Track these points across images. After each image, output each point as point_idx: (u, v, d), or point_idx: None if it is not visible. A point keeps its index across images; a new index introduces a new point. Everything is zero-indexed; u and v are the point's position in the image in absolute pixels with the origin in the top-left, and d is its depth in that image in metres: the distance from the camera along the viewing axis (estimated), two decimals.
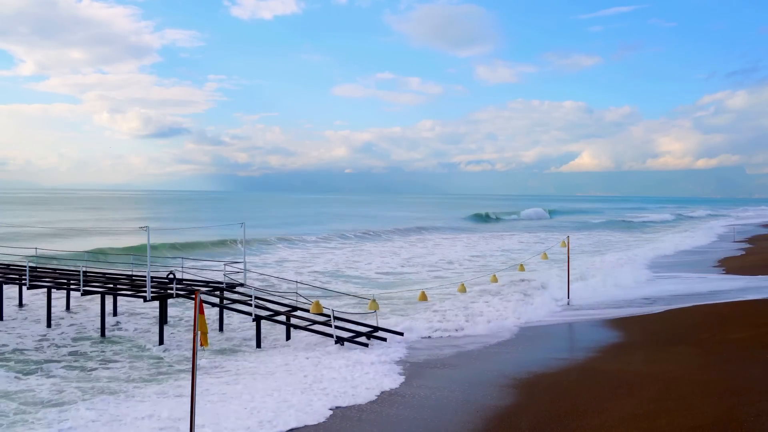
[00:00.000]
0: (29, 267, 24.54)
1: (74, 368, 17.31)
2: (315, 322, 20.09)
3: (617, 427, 11.27)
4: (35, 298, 27.14)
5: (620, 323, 21.96)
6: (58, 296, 25.78)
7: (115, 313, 24.70)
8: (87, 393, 14.78)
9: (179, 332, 22.11)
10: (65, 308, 25.63)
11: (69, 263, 29.94)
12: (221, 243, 52.28)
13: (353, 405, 13.46)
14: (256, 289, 21.90)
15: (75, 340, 20.85)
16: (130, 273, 26.13)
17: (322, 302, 20.98)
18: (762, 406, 11.76)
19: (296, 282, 25.63)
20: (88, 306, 26.21)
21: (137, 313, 25.32)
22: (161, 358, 18.50)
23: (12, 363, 17.81)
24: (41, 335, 21.56)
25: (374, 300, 20.84)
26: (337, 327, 19.68)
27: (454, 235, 74.97)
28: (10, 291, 26.75)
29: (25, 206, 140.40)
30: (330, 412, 12.92)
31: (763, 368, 14.67)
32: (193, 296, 9.92)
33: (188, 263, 28.19)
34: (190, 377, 10.18)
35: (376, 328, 20.14)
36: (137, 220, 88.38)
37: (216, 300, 22.24)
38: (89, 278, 23.86)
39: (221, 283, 23.18)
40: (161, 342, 20.13)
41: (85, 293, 22.23)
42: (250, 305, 20.40)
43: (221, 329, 22.28)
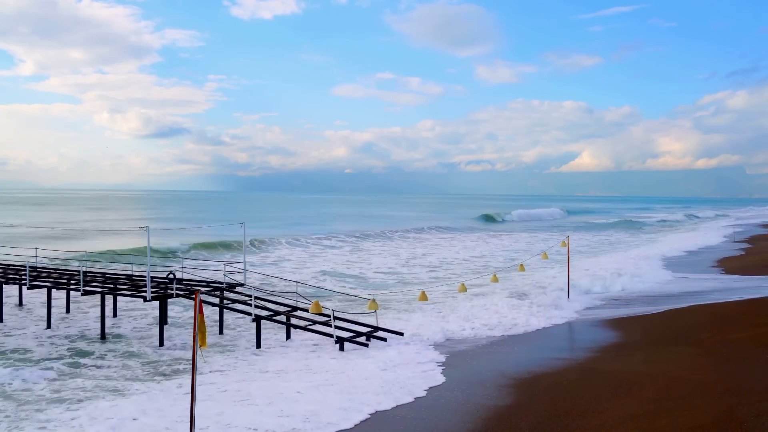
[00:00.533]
0: (29, 267, 24.54)
1: (74, 368, 17.30)
2: (315, 322, 20.09)
3: (617, 427, 11.26)
4: (35, 298, 27.14)
5: (620, 323, 21.97)
6: (58, 296, 25.76)
7: (115, 313, 24.69)
8: (86, 392, 14.79)
9: (179, 332, 22.10)
10: (65, 308, 25.61)
11: (69, 263, 29.93)
12: (224, 244, 52.21)
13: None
14: (256, 289, 21.89)
15: (75, 340, 20.84)
16: (130, 273, 26.13)
17: (322, 302, 20.99)
18: (762, 406, 11.75)
19: (296, 282, 25.61)
20: (88, 306, 26.21)
21: (137, 313, 25.32)
22: (161, 358, 18.49)
23: (11, 362, 17.81)
24: (41, 335, 21.55)
25: (374, 300, 20.83)
26: (337, 327, 19.68)
27: (471, 235, 74.86)
28: (10, 291, 26.76)
29: (25, 206, 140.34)
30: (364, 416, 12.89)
31: (763, 368, 14.67)
32: (193, 296, 9.92)
33: (188, 263, 28.19)
34: (191, 377, 10.17)
35: (376, 328, 20.14)
36: (138, 221, 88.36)
37: (216, 300, 22.23)
38: (89, 278, 23.85)
39: (221, 283, 23.18)
40: (161, 342, 20.12)
41: (85, 293, 22.21)
42: (250, 305, 20.40)
43: (221, 329, 22.27)
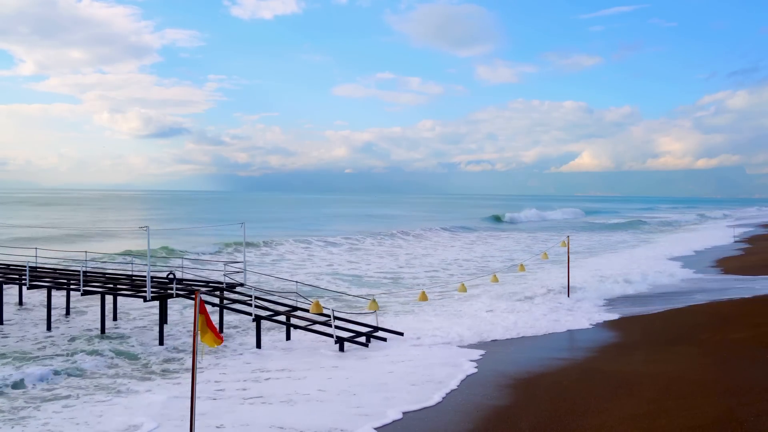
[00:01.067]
0: (29, 267, 24.53)
1: (73, 368, 17.28)
2: (315, 322, 20.09)
3: (617, 427, 11.27)
4: (35, 298, 27.14)
5: (620, 323, 21.98)
6: (58, 296, 25.75)
7: (115, 313, 24.68)
8: (85, 391, 14.80)
9: (179, 332, 22.10)
10: (65, 308, 25.61)
11: (69, 263, 29.91)
12: (225, 245, 52.21)
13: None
14: (256, 289, 21.90)
15: (75, 340, 20.83)
16: (130, 273, 26.13)
17: (322, 302, 20.99)
18: (762, 406, 11.76)
19: (296, 282, 25.62)
20: (88, 306, 26.21)
21: (137, 313, 25.32)
22: (161, 358, 18.48)
23: (11, 361, 17.81)
24: (41, 335, 21.55)
25: (374, 300, 20.83)
26: (337, 327, 19.68)
27: (485, 234, 74.85)
28: (11, 291, 26.76)
29: (26, 207, 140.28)
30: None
31: (763, 368, 14.67)
32: (193, 296, 9.92)
33: (188, 263, 28.19)
34: (191, 377, 10.18)
35: (376, 328, 20.14)
36: (139, 221, 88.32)
37: (216, 300, 22.23)
38: (89, 278, 23.85)
39: (221, 283, 23.18)
40: (161, 342, 20.13)
41: (85, 293, 22.22)
42: (250, 305, 20.40)
43: (221, 329, 22.26)
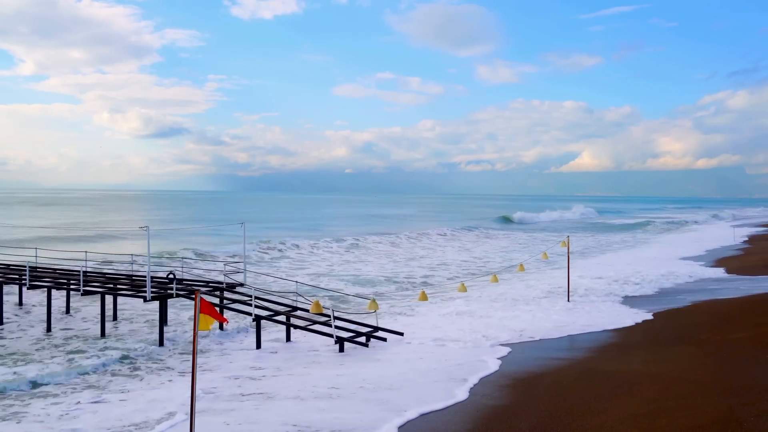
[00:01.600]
0: (29, 267, 24.53)
1: (73, 368, 17.29)
2: (315, 322, 20.09)
3: (617, 427, 11.26)
4: (35, 298, 27.13)
5: (624, 323, 21.95)
6: (58, 296, 25.76)
7: (115, 313, 24.68)
8: (84, 390, 14.81)
9: (179, 332, 22.09)
10: (65, 308, 25.61)
11: (69, 263, 29.91)
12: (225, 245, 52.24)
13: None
14: (256, 289, 21.90)
15: (74, 340, 20.84)
16: (130, 273, 26.14)
17: (322, 302, 20.99)
18: (762, 406, 11.75)
19: (296, 282, 25.62)
20: (88, 306, 26.20)
21: (137, 313, 25.31)
22: (161, 358, 18.49)
23: (9, 362, 17.81)
24: (41, 335, 21.56)
25: (374, 300, 20.84)
26: (337, 327, 19.68)
27: (499, 234, 74.90)
28: (11, 291, 26.75)
29: (26, 207, 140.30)
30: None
31: (763, 368, 14.67)
32: (193, 296, 9.92)
33: (188, 263, 28.19)
34: (191, 378, 10.18)
35: (376, 328, 20.15)
36: (142, 221, 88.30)
37: (216, 300, 22.24)
38: (89, 278, 23.86)
39: (221, 283, 23.18)
40: (161, 342, 20.12)
41: (85, 293, 22.22)
42: (250, 305, 20.40)
43: (221, 329, 22.26)
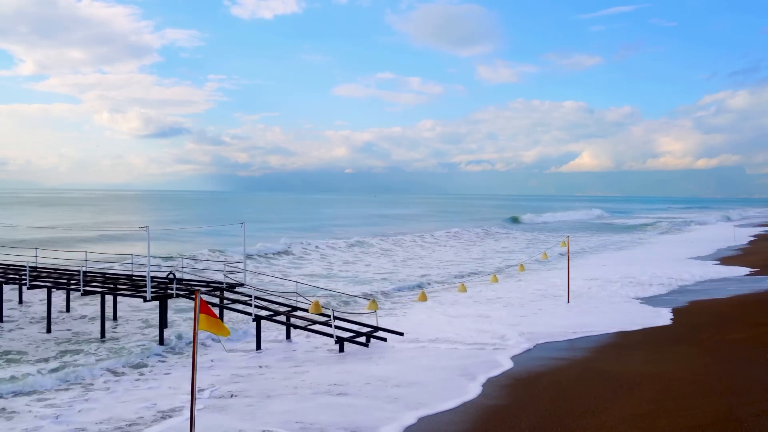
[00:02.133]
0: (29, 267, 24.53)
1: (73, 367, 17.29)
2: (315, 322, 20.09)
3: (617, 427, 11.27)
4: (35, 298, 27.13)
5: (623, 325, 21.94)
6: (58, 296, 25.76)
7: (115, 313, 24.68)
8: (84, 390, 14.81)
9: (179, 332, 22.08)
10: (65, 308, 25.62)
11: (69, 263, 29.92)
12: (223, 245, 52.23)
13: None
14: (256, 289, 21.90)
15: (74, 340, 20.85)
16: (130, 273, 26.13)
17: (322, 302, 20.99)
18: (762, 406, 11.76)
19: (296, 282, 25.62)
20: (88, 306, 26.20)
21: (137, 313, 25.31)
22: (161, 358, 18.49)
23: (9, 362, 17.81)
24: (41, 335, 21.55)
25: (374, 300, 20.85)
26: (337, 327, 19.67)
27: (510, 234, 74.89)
28: (11, 291, 26.76)
29: (26, 208, 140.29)
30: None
31: (763, 368, 14.68)
32: (193, 296, 9.93)
33: (188, 263, 28.19)
34: (191, 378, 10.18)
35: (376, 328, 20.14)
36: (144, 222, 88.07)
37: (216, 300, 22.24)
38: (89, 278, 23.86)
39: (221, 283, 23.18)
40: (161, 342, 20.13)
41: (85, 293, 22.22)
42: (250, 305, 20.40)
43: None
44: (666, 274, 33.93)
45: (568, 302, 26.19)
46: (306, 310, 20.87)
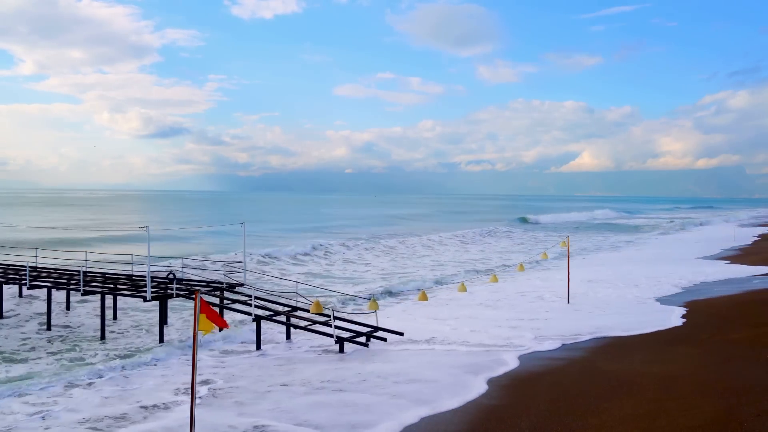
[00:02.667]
0: (29, 267, 24.53)
1: (74, 367, 17.30)
2: (315, 322, 20.09)
3: (617, 427, 11.27)
4: (35, 298, 27.10)
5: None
6: (58, 296, 25.75)
7: (115, 313, 24.68)
8: (84, 389, 14.79)
9: (179, 332, 22.09)
10: (65, 308, 25.61)
11: (69, 263, 29.93)
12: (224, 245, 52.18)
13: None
14: (256, 289, 21.90)
15: (74, 340, 20.85)
16: (130, 273, 26.13)
17: (322, 302, 20.98)
18: (762, 406, 11.75)
19: (296, 282, 25.62)
20: (88, 306, 26.20)
21: (137, 313, 25.31)
22: (161, 358, 18.48)
23: (8, 362, 17.82)
24: (41, 335, 21.56)
25: (374, 300, 20.85)
26: (337, 327, 19.67)
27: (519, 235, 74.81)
28: (11, 291, 26.75)
29: (26, 208, 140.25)
30: None
31: (763, 368, 14.67)
32: (193, 296, 9.92)
33: (188, 263, 28.19)
34: (191, 378, 10.18)
35: (376, 328, 20.14)
36: (147, 222, 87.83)
37: (216, 300, 22.24)
38: (89, 278, 23.86)
39: (221, 283, 23.18)
40: (161, 341, 20.13)
41: (85, 293, 22.22)
42: (250, 305, 20.40)
43: (220, 329, 22.26)
44: (667, 275, 33.93)
45: (568, 303, 26.17)
46: (306, 310, 20.87)
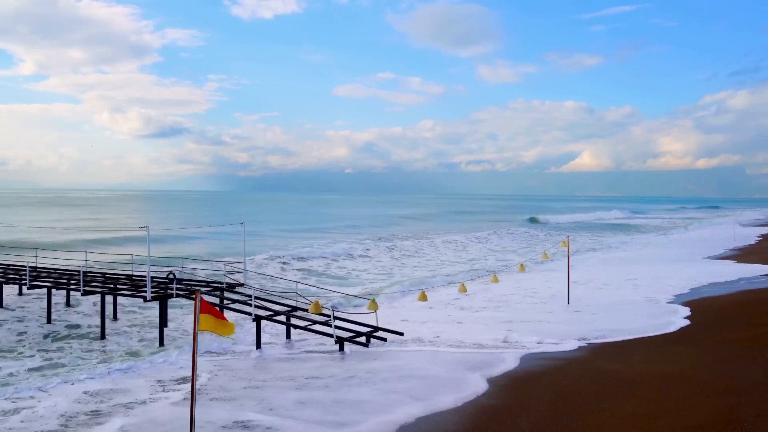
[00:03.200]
0: (29, 267, 24.53)
1: (74, 368, 17.30)
2: (315, 322, 20.09)
3: (617, 427, 11.27)
4: (35, 298, 27.10)
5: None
6: (58, 296, 25.75)
7: (115, 313, 24.68)
8: (84, 389, 14.80)
9: (179, 332, 22.09)
10: (65, 308, 25.59)
11: (69, 263, 29.94)
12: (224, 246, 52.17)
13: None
14: (256, 289, 21.90)
15: (74, 340, 20.85)
16: (130, 273, 26.14)
17: (322, 302, 20.98)
18: (762, 406, 11.76)
19: (296, 282, 25.63)
20: (88, 306, 26.19)
21: (137, 313, 25.31)
22: (161, 358, 18.48)
23: (7, 362, 17.82)
24: (41, 335, 21.56)
25: (374, 300, 20.85)
26: (337, 327, 19.67)
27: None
28: (11, 291, 26.75)
29: (26, 207, 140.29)
30: None
31: (763, 368, 14.67)
32: (193, 296, 9.93)
33: (188, 263, 28.19)
34: (191, 378, 10.19)
35: (376, 328, 20.14)
36: (149, 222, 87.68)
37: (216, 300, 22.24)
38: (89, 278, 23.86)
39: (221, 283, 23.18)
40: (161, 342, 20.14)
41: (85, 293, 22.22)
42: (250, 305, 20.40)
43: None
44: (670, 275, 33.94)
45: (568, 303, 26.16)
46: (306, 310, 20.87)
